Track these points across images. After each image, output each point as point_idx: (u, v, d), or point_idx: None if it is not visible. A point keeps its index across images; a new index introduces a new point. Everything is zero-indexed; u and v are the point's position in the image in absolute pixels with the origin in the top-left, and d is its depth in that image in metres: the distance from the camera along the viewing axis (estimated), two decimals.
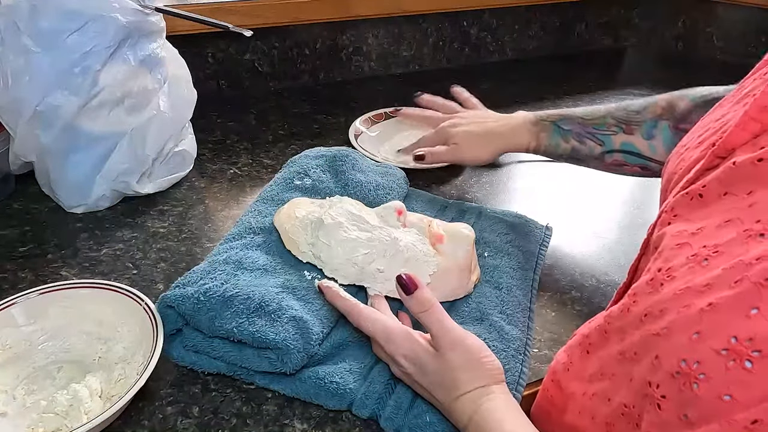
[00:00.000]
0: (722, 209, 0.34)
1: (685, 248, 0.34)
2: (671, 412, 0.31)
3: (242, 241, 0.57)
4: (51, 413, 0.45)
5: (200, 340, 0.49)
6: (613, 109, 0.69)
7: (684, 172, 0.40)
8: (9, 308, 0.50)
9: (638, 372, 0.35)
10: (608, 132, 0.68)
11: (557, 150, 0.72)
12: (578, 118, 0.70)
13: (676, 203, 0.38)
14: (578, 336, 0.45)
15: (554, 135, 0.71)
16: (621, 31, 1.43)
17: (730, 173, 0.34)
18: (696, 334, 0.30)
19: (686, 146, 0.43)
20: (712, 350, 0.29)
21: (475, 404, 0.43)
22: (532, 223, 0.69)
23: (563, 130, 0.70)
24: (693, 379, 0.29)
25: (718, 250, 0.32)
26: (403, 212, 0.59)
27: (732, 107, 0.41)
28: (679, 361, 0.30)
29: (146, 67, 0.67)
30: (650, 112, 0.66)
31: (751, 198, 0.33)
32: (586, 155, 0.70)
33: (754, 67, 0.44)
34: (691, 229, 0.35)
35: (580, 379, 0.42)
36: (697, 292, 0.31)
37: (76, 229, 0.68)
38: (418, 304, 0.46)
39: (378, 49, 1.15)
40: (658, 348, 0.32)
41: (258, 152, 0.87)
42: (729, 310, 0.29)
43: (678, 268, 0.33)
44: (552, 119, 0.72)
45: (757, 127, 0.34)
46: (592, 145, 0.69)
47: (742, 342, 0.28)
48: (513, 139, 0.73)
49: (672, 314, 0.32)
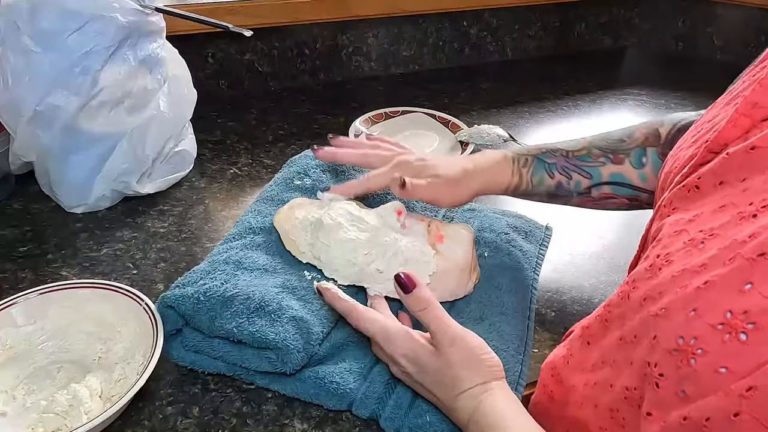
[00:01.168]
0: (718, 197, 0.35)
1: (682, 234, 0.35)
2: (669, 390, 0.31)
3: (242, 241, 0.57)
4: (51, 413, 0.45)
5: (200, 340, 0.49)
6: (594, 140, 0.63)
7: (679, 169, 0.41)
8: (9, 308, 0.50)
9: (638, 354, 0.35)
10: (595, 163, 0.61)
11: (540, 186, 0.62)
12: (561, 151, 0.63)
13: (674, 197, 0.39)
14: (578, 329, 0.45)
15: (538, 170, 0.62)
16: (621, 31, 1.43)
17: (724, 163, 0.35)
18: (693, 311, 0.31)
19: (680, 147, 0.44)
20: (709, 325, 0.30)
21: (475, 401, 0.43)
22: (532, 223, 0.69)
23: (547, 164, 0.62)
24: (690, 355, 0.30)
25: (713, 233, 0.33)
26: (403, 212, 0.59)
27: (723, 108, 0.42)
28: (677, 339, 0.31)
29: (146, 67, 0.67)
30: (635, 140, 0.61)
31: (745, 184, 0.34)
32: (570, 190, 0.62)
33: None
34: (688, 216, 0.36)
35: (582, 370, 0.42)
36: (693, 273, 0.32)
37: (76, 229, 0.68)
38: (417, 303, 0.46)
39: (378, 49, 1.15)
40: (656, 328, 0.33)
41: (258, 152, 0.87)
42: (724, 286, 0.30)
43: (675, 253, 0.34)
44: (533, 153, 0.63)
45: (747, 123, 0.36)
46: (578, 179, 0.61)
47: (737, 316, 0.29)
48: (493, 177, 0.62)
49: (670, 295, 0.33)
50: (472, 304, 0.57)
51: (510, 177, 0.62)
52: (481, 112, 1.06)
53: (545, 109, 1.09)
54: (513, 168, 0.62)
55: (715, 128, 0.39)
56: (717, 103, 0.44)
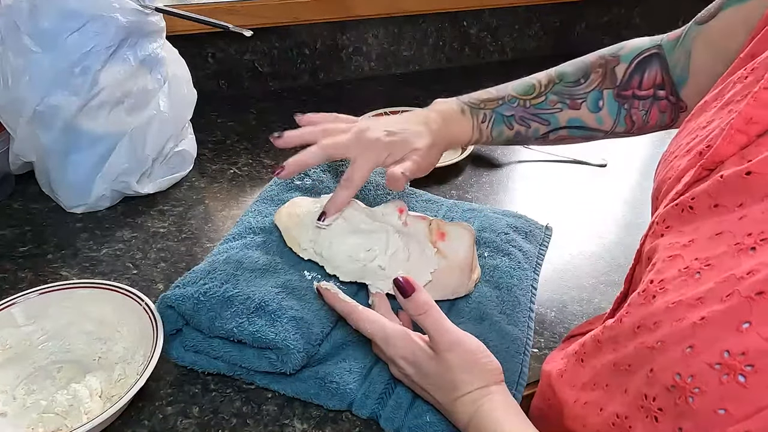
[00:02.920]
0: (713, 221, 0.34)
1: (677, 260, 0.34)
2: (667, 425, 0.31)
3: (242, 241, 0.57)
4: (51, 413, 0.45)
5: (200, 340, 0.49)
6: (546, 82, 0.62)
7: (673, 182, 0.40)
8: (9, 308, 0.50)
9: (633, 384, 0.35)
10: (552, 110, 0.61)
11: (500, 138, 0.63)
12: (518, 100, 0.62)
13: (667, 215, 0.38)
14: (575, 345, 0.45)
15: (497, 124, 0.62)
16: (621, 31, 1.43)
17: (719, 186, 0.34)
18: (689, 348, 0.30)
19: (674, 154, 0.43)
20: (706, 364, 0.29)
21: (474, 405, 0.43)
22: (532, 223, 0.69)
23: (506, 117, 0.62)
24: (688, 393, 0.30)
25: (710, 263, 0.32)
26: (405, 211, 0.59)
27: (716, 113, 0.41)
28: (674, 375, 0.30)
29: (146, 67, 0.67)
30: (591, 83, 0.61)
31: (741, 211, 0.33)
32: (528, 137, 0.63)
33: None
34: (683, 240, 0.35)
35: (573, 386, 0.43)
36: (690, 306, 0.31)
37: (76, 229, 0.68)
38: (416, 307, 0.45)
39: (378, 49, 1.15)
40: (652, 361, 0.32)
41: (258, 152, 0.87)
42: (721, 324, 0.29)
43: (671, 281, 0.34)
44: (490, 107, 0.62)
45: (743, 139, 0.35)
46: (536, 127, 0.62)
47: (735, 356, 0.28)
48: (455, 136, 0.61)
49: (665, 327, 0.32)
50: (472, 303, 0.57)
51: (471, 133, 0.62)
52: None
53: None
54: (473, 123, 0.62)
55: (710, 140, 0.38)
56: (708, 104, 0.43)
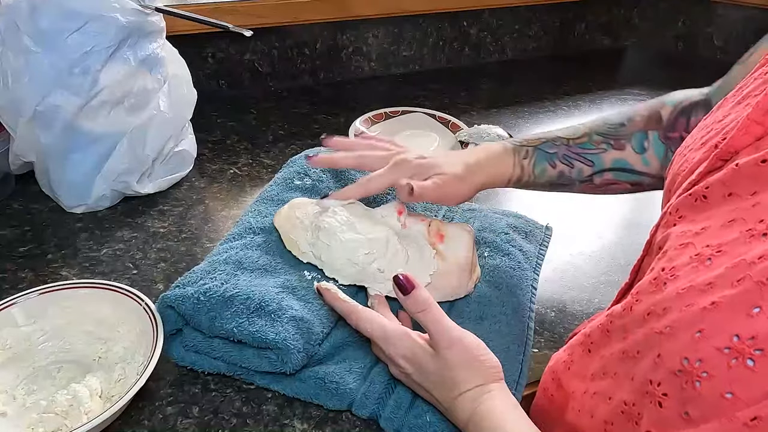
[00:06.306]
0: (726, 210, 0.34)
1: (688, 248, 0.34)
2: (672, 410, 0.31)
3: (242, 241, 0.57)
4: (51, 413, 0.45)
5: (200, 340, 0.49)
6: (594, 126, 0.62)
7: (687, 174, 0.40)
8: (9, 308, 0.50)
9: (640, 370, 0.35)
10: (597, 150, 0.60)
11: (542, 177, 0.61)
12: (561, 140, 0.61)
13: (680, 204, 0.38)
14: (579, 335, 0.45)
15: (540, 161, 0.61)
16: (621, 31, 1.43)
17: (734, 175, 0.34)
18: (698, 332, 0.30)
19: (689, 147, 0.43)
20: (715, 348, 0.29)
21: (474, 403, 0.43)
22: (532, 223, 0.69)
23: (548, 154, 0.61)
24: (695, 377, 0.30)
25: (721, 249, 0.32)
26: (404, 212, 0.59)
27: (733, 108, 0.41)
28: (682, 360, 0.30)
29: (146, 67, 0.67)
30: (635, 125, 0.60)
31: (755, 198, 0.33)
32: (573, 179, 0.61)
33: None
34: (695, 229, 0.35)
35: (582, 377, 0.42)
36: (700, 291, 0.31)
37: (76, 229, 0.68)
38: (416, 304, 0.45)
39: (378, 49, 1.15)
40: (660, 346, 0.32)
41: (258, 152, 0.87)
42: (731, 309, 0.29)
43: (681, 268, 0.34)
44: (533, 144, 0.61)
45: (759, 130, 0.35)
46: (580, 167, 0.61)
47: (744, 340, 0.28)
48: (495, 170, 0.60)
49: (675, 313, 0.32)
50: (472, 303, 0.57)
51: (512, 169, 0.61)
52: (481, 112, 1.06)
53: (545, 109, 1.09)
54: (514, 160, 0.61)
55: (725, 131, 0.38)
56: (727, 100, 0.43)
